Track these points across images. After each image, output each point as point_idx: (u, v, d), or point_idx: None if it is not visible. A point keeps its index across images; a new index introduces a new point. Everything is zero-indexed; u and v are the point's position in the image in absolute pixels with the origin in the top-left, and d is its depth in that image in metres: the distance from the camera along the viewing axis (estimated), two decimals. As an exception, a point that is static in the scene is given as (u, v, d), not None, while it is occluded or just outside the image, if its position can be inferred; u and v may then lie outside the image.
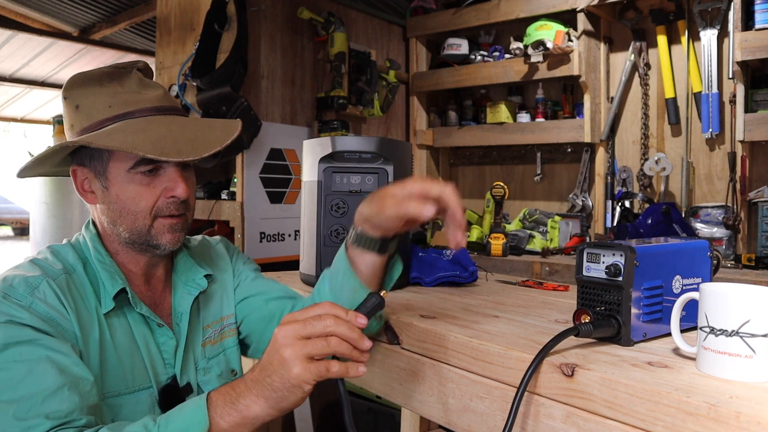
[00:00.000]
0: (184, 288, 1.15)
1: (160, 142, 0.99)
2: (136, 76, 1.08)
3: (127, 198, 1.04)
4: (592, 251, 0.95)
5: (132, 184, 1.03)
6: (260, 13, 2.59)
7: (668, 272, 0.95)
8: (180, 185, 1.05)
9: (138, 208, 1.04)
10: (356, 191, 1.46)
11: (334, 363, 0.82)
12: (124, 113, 1.04)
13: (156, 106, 1.06)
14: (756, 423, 0.62)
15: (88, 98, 1.05)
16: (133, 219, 1.05)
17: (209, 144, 1.04)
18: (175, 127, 1.05)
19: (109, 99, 1.04)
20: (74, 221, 3.37)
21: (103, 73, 1.06)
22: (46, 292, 0.95)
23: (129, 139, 0.99)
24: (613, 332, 0.90)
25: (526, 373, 0.82)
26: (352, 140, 1.49)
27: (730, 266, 2.19)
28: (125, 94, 1.05)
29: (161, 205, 1.05)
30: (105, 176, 1.04)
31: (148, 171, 1.03)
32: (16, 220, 14.26)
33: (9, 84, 5.76)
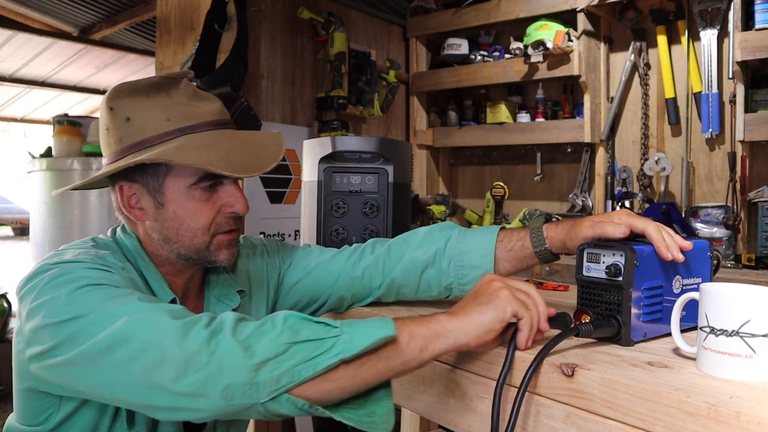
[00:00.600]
0: (216, 304, 1.12)
1: (229, 158, 0.98)
2: (187, 88, 1.04)
3: (186, 215, 1.01)
4: (592, 251, 0.95)
5: (192, 201, 1.01)
6: (260, 13, 2.59)
7: (668, 272, 0.95)
8: (240, 201, 1.04)
9: (197, 224, 1.01)
10: (356, 191, 1.46)
11: (529, 314, 0.86)
12: (185, 127, 1.00)
13: (215, 120, 1.04)
14: (756, 423, 0.62)
15: (139, 110, 1.00)
16: (192, 236, 1.02)
17: (268, 158, 1.03)
18: (238, 142, 1.03)
19: (165, 112, 1.00)
20: (74, 221, 3.36)
21: (152, 83, 1.02)
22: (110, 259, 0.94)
23: (202, 156, 0.97)
24: (613, 332, 0.90)
25: (527, 373, 0.82)
26: (352, 140, 1.49)
27: (730, 266, 2.19)
28: (180, 107, 1.01)
29: (220, 221, 1.03)
30: (161, 192, 1.00)
31: (208, 187, 1.01)
32: (16, 220, 14.26)
33: (9, 84, 5.76)
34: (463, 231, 1.18)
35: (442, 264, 1.15)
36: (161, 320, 0.78)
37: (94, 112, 6.71)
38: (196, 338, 0.76)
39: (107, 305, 0.82)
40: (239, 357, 0.74)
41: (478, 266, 1.12)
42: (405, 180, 1.52)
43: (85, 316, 0.81)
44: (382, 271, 1.19)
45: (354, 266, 1.21)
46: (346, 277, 1.21)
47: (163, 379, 0.75)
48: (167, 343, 0.75)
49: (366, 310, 1.22)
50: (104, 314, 0.80)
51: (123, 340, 0.77)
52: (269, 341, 0.75)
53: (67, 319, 0.81)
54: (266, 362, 0.74)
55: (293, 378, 0.74)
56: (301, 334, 0.76)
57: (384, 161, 1.46)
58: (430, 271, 1.16)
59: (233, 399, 0.74)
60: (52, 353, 0.82)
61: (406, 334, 0.80)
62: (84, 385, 0.81)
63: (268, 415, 0.77)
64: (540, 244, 1.09)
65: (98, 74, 5.73)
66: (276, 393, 0.74)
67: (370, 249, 1.23)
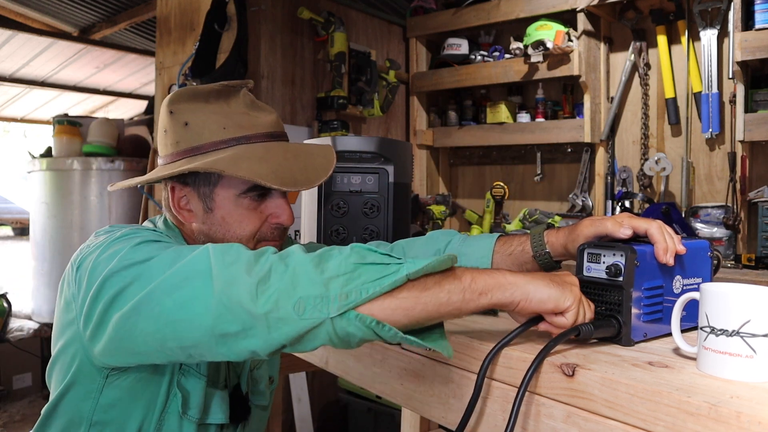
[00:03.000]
0: None
1: (279, 171, 1.01)
2: (245, 97, 1.07)
3: (233, 221, 1.04)
4: (593, 251, 0.95)
5: (240, 209, 1.04)
6: (260, 13, 2.59)
7: (669, 272, 0.95)
8: (286, 212, 1.08)
9: (243, 232, 1.05)
10: (356, 191, 1.46)
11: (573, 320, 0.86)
12: (239, 137, 1.03)
13: (270, 132, 1.07)
14: (757, 423, 0.62)
15: (197, 116, 1.03)
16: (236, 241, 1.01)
17: (317, 173, 1.07)
18: (290, 155, 1.06)
19: (222, 120, 1.03)
20: (74, 221, 3.36)
21: (212, 90, 1.05)
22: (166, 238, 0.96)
23: (254, 168, 0.99)
24: (613, 332, 0.90)
25: (527, 373, 0.82)
26: (352, 140, 1.49)
27: (730, 266, 2.19)
28: (237, 116, 1.04)
29: (265, 231, 1.07)
30: (211, 198, 1.04)
31: (256, 196, 1.05)
32: (16, 220, 14.24)
33: (9, 84, 5.75)
34: (464, 236, 1.21)
35: None
36: (233, 251, 0.80)
37: (94, 112, 6.71)
38: (267, 261, 0.78)
39: (170, 251, 0.85)
40: (311, 272, 0.76)
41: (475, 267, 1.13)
42: (405, 180, 1.52)
43: (150, 258, 0.84)
44: None
45: None
46: None
47: (238, 297, 0.76)
48: (240, 266, 0.77)
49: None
50: (169, 256, 0.83)
51: (197, 273, 0.79)
52: (339, 261, 0.78)
53: (133, 263, 0.84)
54: (336, 277, 0.76)
55: (361, 294, 0.75)
56: (368, 258, 0.79)
57: (384, 161, 1.46)
58: None
59: (305, 312, 0.74)
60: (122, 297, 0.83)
61: (469, 275, 0.82)
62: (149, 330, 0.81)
63: (336, 338, 0.77)
64: (540, 249, 1.10)
65: (98, 74, 5.73)
66: (345, 308, 0.75)
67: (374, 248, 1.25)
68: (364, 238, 1.45)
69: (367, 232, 1.46)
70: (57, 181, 3.39)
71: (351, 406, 2.86)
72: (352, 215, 1.47)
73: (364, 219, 1.46)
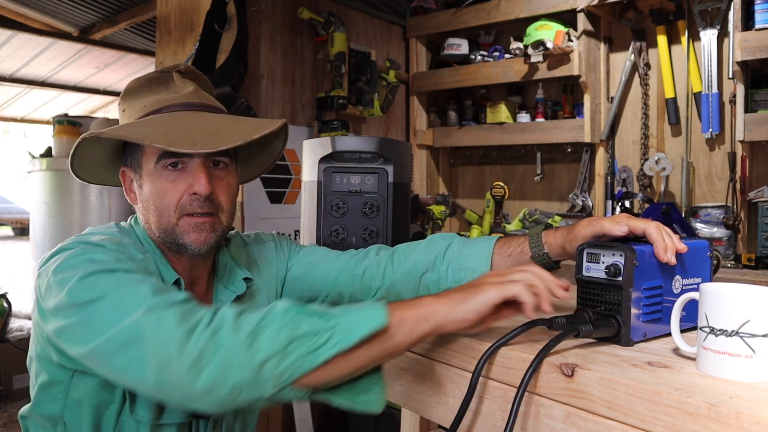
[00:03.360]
0: (223, 291, 1.14)
1: (173, 133, 0.97)
2: (175, 78, 1.08)
3: (154, 194, 1.03)
4: (592, 251, 0.95)
5: (159, 180, 1.02)
6: (260, 13, 2.59)
7: (668, 272, 0.95)
8: (201, 181, 1.01)
9: (163, 204, 1.02)
10: (356, 191, 1.46)
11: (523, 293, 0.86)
12: (154, 110, 1.04)
13: (184, 102, 1.05)
14: (756, 423, 0.62)
15: (132, 102, 1.06)
16: (159, 216, 1.03)
17: (232, 137, 0.99)
18: (197, 121, 1.02)
19: (146, 100, 1.05)
20: (74, 221, 3.36)
21: (151, 78, 1.07)
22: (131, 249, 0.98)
23: (141, 130, 0.98)
24: (613, 332, 0.90)
25: (526, 373, 0.82)
26: (352, 140, 1.49)
27: (730, 266, 2.19)
28: (161, 94, 1.06)
29: (185, 203, 1.03)
30: (140, 175, 1.05)
31: (171, 165, 1.02)
32: (16, 220, 14.25)
33: (9, 84, 5.76)
34: (463, 239, 1.20)
35: (440, 268, 1.17)
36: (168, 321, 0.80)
37: (94, 112, 6.71)
38: (198, 339, 0.78)
39: (120, 292, 0.85)
40: (243, 355, 0.77)
41: (475, 269, 1.14)
42: (405, 180, 1.52)
43: (99, 300, 0.84)
44: (383, 273, 1.21)
45: (356, 265, 1.23)
46: (347, 274, 1.22)
47: (171, 379, 0.78)
48: (173, 347, 0.78)
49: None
50: (116, 302, 0.84)
51: (133, 342, 0.80)
52: (270, 338, 0.78)
53: (83, 302, 0.85)
54: (269, 359, 0.77)
55: (295, 372, 0.77)
56: (300, 327, 0.79)
57: (384, 161, 1.46)
58: (429, 276, 1.18)
59: (240, 395, 0.77)
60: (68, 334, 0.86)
61: (397, 319, 0.82)
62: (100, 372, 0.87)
63: (272, 404, 0.82)
64: (539, 249, 1.11)
65: (98, 74, 5.73)
66: (280, 387, 0.77)
67: (374, 251, 1.25)
68: (364, 238, 1.45)
69: (367, 232, 1.46)
70: (57, 181, 3.39)
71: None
72: (352, 215, 1.46)
73: (364, 219, 1.46)
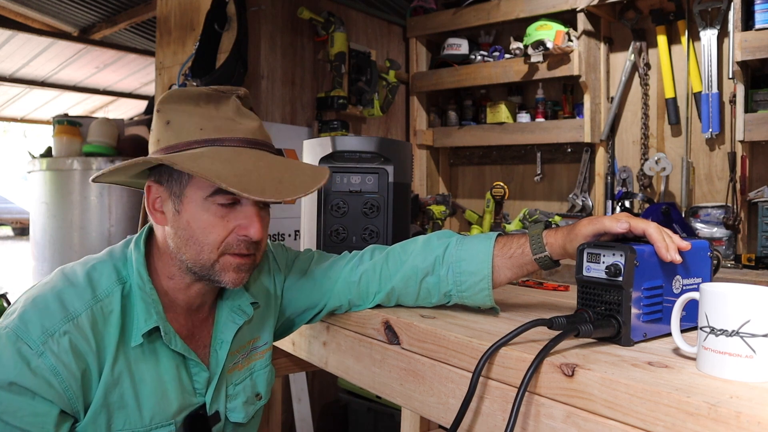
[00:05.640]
0: (229, 315, 1.11)
1: (244, 176, 0.94)
2: (234, 103, 1.03)
3: (197, 227, 0.99)
4: (592, 251, 0.95)
5: (206, 214, 0.98)
6: (260, 13, 2.59)
7: (668, 272, 0.95)
8: (255, 225, 0.99)
9: (207, 239, 0.99)
10: (356, 191, 1.46)
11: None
12: (214, 139, 0.99)
13: (248, 138, 1.01)
14: (756, 423, 0.62)
15: (180, 116, 1.01)
16: (199, 250, 0.99)
17: (295, 188, 0.98)
18: (263, 164, 0.99)
19: (202, 121, 1.00)
20: (74, 221, 3.36)
21: (202, 93, 1.02)
22: (60, 342, 0.90)
23: (214, 167, 0.94)
24: (613, 332, 0.90)
25: (527, 373, 0.82)
26: (352, 140, 1.49)
27: (730, 266, 2.19)
28: (219, 120, 1.01)
29: (231, 242, 0.99)
30: (180, 199, 0.99)
31: (225, 203, 0.98)
32: (16, 220, 14.25)
33: (9, 84, 5.75)
34: (461, 238, 1.18)
35: (440, 271, 1.15)
36: None
37: (94, 112, 6.71)
38: None
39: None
40: None
41: (476, 272, 1.12)
42: (405, 180, 1.52)
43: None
44: (380, 278, 1.20)
45: (352, 271, 1.21)
46: (344, 282, 1.21)
47: None
48: None
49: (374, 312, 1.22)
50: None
51: None
52: None
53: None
54: None
55: None
56: None
57: (384, 161, 1.46)
58: (430, 279, 1.16)
59: None
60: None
61: None
62: None
63: None
64: (540, 250, 1.09)
65: (98, 74, 5.73)
66: None
67: (368, 255, 1.24)
68: (364, 238, 1.45)
69: (367, 232, 1.46)
70: (57, 181, 3.39)
71: (351, 406, 2.85)
72: (352, 215, 1.46)
73: (364, 219, 1.46)
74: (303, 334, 1.43)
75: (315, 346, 1.38)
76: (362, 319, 1.22)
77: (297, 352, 1.47)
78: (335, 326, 1.30)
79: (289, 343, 1.50)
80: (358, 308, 1.23)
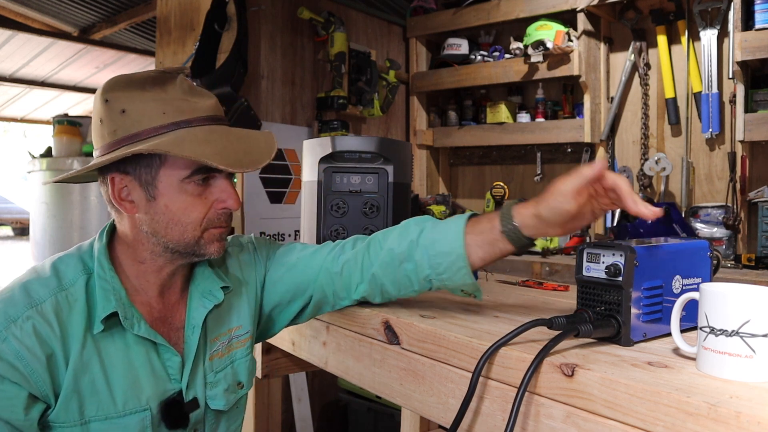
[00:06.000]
0: (199, 300, 1.11)
1: (223, 152, 0.99)
2: (183, 83, 1.05)
3: (177, 208, 1.01)
4: (592, 251, 0.95)
5: (184, 195, 1.01)
6: (260, 13, 2.59)
7: (668, 272, 0.95)
8: (233, 196, 1.04)
9: (189, 219, 1.02)
10: (356, 191, 1.46)
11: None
12: (179, 121, 1.01)
13: (210, 116, 1.05)
14: (756, 423, 0.62)
15: (134, 103, 1.00)
16: (182, 230, 1.02)
17: (261, 155, 1.04)
18: (233, 138, 1.04)
19: (161, 105, 1.01)
20: (74, 221, 3.36)
21: (148, 77, 1.03)
22: (23, 327, 0.92)
23: (199, 149, 0.98)
24: (613, 332, 0.90)
25: (526, 373, 0.82)
26: (352, 140, 1.49)
27: (730, 266, 2.19)
28: (176, 102, 1.02)
29: (212, 217, 1.04)
30: (153, 185, 1.01)
31: (201, 180, 1.02)
32: (16, 220, 14.25)
33: (9, 84, 5.76)
34: (436, 221, 1.15)
35: (416, 256, 1.12)
36: None
37: (94, 112, 6.71)
38: None
39: None
40: None
41: (450, 252, 1.08)
42: (405, 180, 1.52)
43: None
44: (361, 267, 1.18)
45: (333, 261, 1.20)
46: (326, 273, 1.20)
47: None
48: None
49: (367, 310, 1.22)
50: None
51: None
52: None
53: None
54: None
55: None
56: None
57: (384, 161, 1.46)
58: (407, 265, 1.13)
59: None
60: None
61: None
62: None
63: None
64: (508, 222, 1.04)
65: (98, 74, 5.73)
66: None
67: (350, 245, 1.22)
68: (364, 238, 1.45)
69: (367, 232, 1.46)
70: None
71: (351, 406, 2.86)
72: (352, 215, 1.46)
73: (364, 219, 1.46)
74: (303, 334, 1.43)
75: (315, 346, 1.38)
76: (362, 319, 1.22)
77: (297, 352, 1.47)
78: (335, 326, 1.30)
79: (289, 343, 1.50)
80: (343, 302, 1.22)
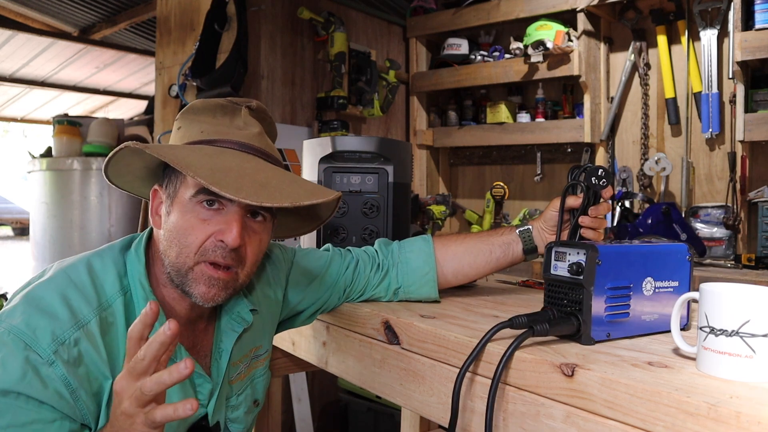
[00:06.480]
0: (228, 323, 1.07)
1: (221, 172, 0.88)
2: (243, 113, 1.01)
3: (180, 227, 0.94)
4: (559, 249, 0.95)
5: (189, 215, 0.93)
6: (260, 13, 2.59)
7: (637, 273, 0.93)
8: (233, 230, 0.91)
9: (186, 241, 0.93)
10: (356, 191, 1.46)
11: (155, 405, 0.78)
12: (210, 140, 0.97)
13: (242, 142, 0.97)
14: (756, 423, 0.62)
15: (190, 123, 1.00)
16: (178, 252, 0.94)
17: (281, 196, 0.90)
18: (249, 166, 0.93)
19: (206, 126, 0.98)
20: (74, 221, 3.36)
21: (218, 104, 1.00)
22: (71, 351, 0.85)
23: (188, 158, 0.89)
24: (572, 330, 0.90)
25: (496, 369, 0.82)
26: (352, 140, 1.49)
27: (730, 266, 2.19)
28: (221, 126, 0.99)
29: (208, 247, 0.93)
30: (171, 200, 0.96)
31: (207, 203, 0.93)
32: (16, 220, 14.26)
33: (9, 84, 5.75)
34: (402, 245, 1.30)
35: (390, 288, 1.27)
36: None
37: (94, 112, 6.71)
38: None
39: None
40: None
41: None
42: (405, 180, 1.52)
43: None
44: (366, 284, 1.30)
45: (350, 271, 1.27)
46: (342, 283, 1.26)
47: None
48: None
49: (367, 309, 1.22)
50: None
51: None
52: None
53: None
54: None
55: None
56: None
57: (384, 161, 1.46)
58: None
59: None
60: None
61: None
62: None
63: None
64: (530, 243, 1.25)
65: (98, 74, 5.73)
66: None
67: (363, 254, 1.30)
68: (364, 238, 1.45)
69: (367, 232, 1.46)
70: (57, 181, 3.39)
71: (351, 406, 2.85)
72: (352, 215, 1.46)
73: (364, 219, 1.46)
74: (303, 334, 1.43)
75: (315, 346, 1.38)
76: (362, 319, 1.22)
77: (297, 352, 1.47)
78: (335, 326, 1.30)
79: (289, 343, 1.50)
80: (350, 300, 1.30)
